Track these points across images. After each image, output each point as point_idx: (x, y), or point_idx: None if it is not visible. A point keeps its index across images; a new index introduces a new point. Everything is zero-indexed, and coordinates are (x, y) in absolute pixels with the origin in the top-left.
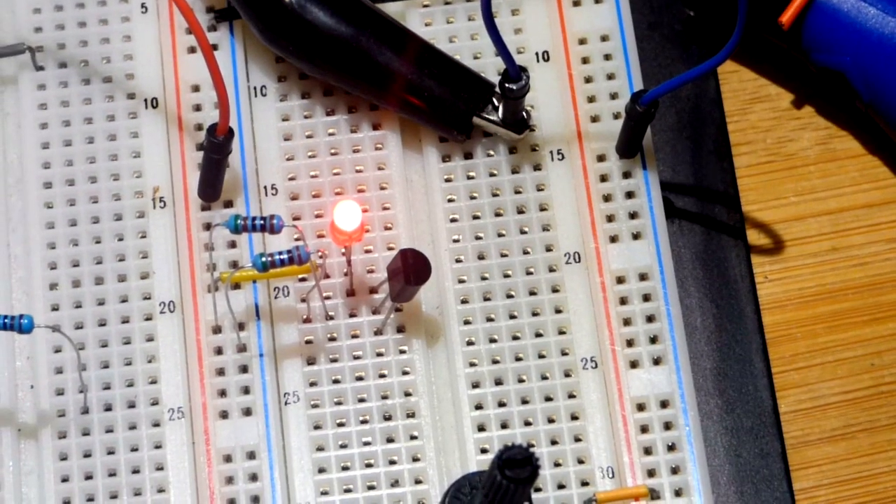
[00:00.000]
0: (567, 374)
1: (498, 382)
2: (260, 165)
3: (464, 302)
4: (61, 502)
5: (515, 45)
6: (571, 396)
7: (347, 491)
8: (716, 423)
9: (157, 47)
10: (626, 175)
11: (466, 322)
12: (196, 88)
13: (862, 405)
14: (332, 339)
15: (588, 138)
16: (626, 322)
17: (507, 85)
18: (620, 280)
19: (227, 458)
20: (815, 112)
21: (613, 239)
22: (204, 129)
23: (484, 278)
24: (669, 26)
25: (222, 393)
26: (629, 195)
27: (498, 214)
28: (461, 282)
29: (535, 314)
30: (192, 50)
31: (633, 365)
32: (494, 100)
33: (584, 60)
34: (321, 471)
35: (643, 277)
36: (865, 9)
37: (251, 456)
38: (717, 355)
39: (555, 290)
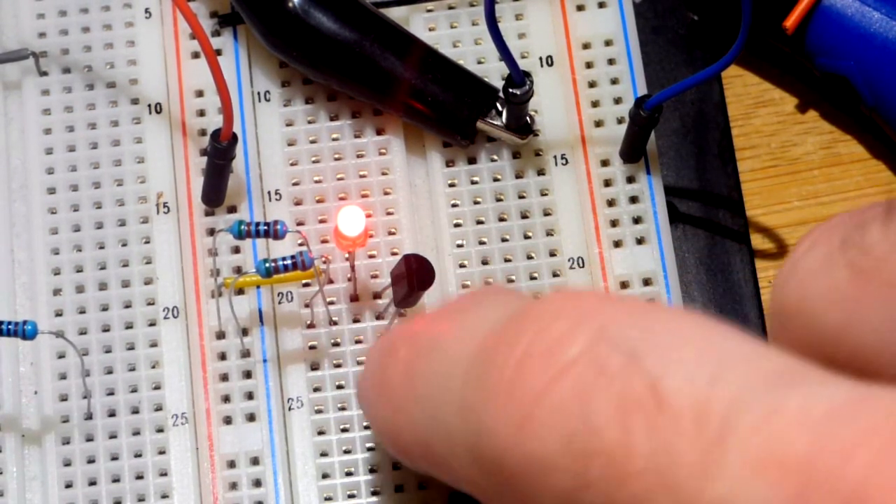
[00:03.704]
0: None
1: None
2: (263, 171)
3: None
4: None
5: (519, 50)
6: None
7: (351, 496)
8: None
9: (160, 52)
10: (630, 180)
11: None
12: (200, 93)
13: None
14: (336, 345)
15: (592, 143)
16: None
17: (510, 90)
18: (624, 285)
19: (231, 464)
20: (820, 116)
21: (617, 244)
22: (208, 135)
23: (488, 283)
24: (673, 31)
25: (226, 398)
26: (633, 200)
27: (502, 219)
28: (465, 287)
29: None
30: (195, 55)
31: None
32: (498, 104)
33: (588, 65)
34: (325, 476)
35: (647, 282)
36: (870, 13)
37: (255, 461)
38: None
39: None
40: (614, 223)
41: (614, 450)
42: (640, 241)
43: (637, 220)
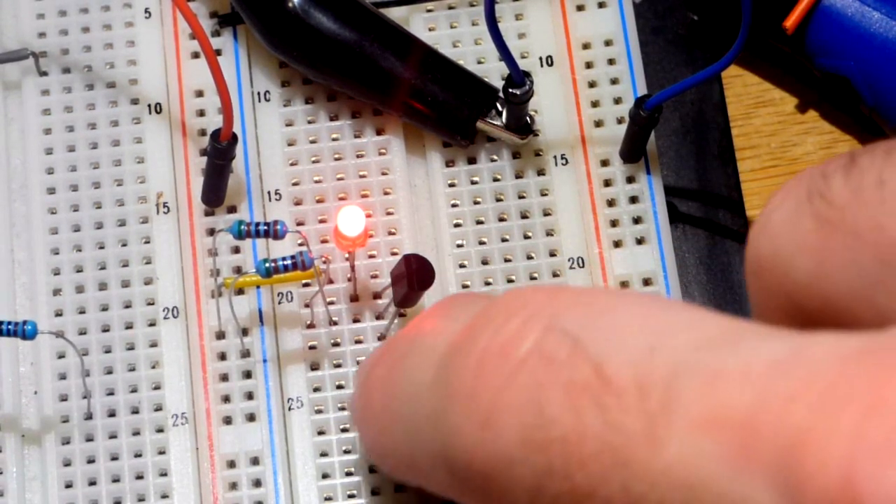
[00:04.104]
0: None
1: None
2: (263, 171)
3: None
4: None
5: (519, 50)
6: None
7: (351, 496)
8: None
9: (160, 52)
10: (630, 180)
11: None
12: (200, 94)
13: None
14: (336, 345)
15: (592, 143)
16: None
17: (510, 90)
18: (624, 285)
19: (231, 464)
20: (819, 116)
21: (617, 244)
22: (207, 135)
23: (488, 283)
24: (673, 31)
25: (226, 398)
26: (633, 200)
27: (501, 219)
28: (465, 287)
29: None
30: (195, 55)
31: None
32: (498, 104)
33: (588, 65)
34: (325, 476)
35: (647, 282)
36: (869, 13)
37: (255, 461)
38: None
39: None
40: (614, 223)
41: (568, 436)
42: (640, 241)
43: (637, 220)
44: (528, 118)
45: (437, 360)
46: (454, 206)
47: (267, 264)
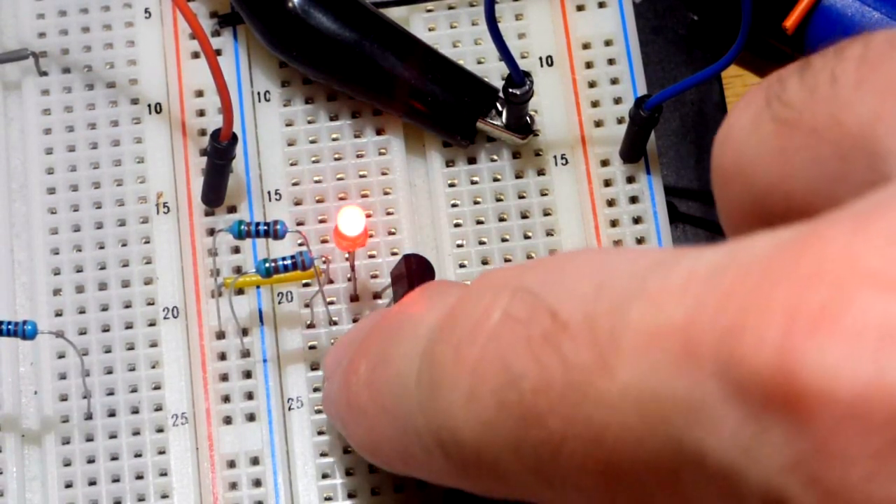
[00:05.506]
0: None
1: None
2: (263, 171)
3: None
4: None
5: (519, 50)
6: None
7: (351, 496)
8: None
9: (160, 52)
10: (630, 180)
11: None
12: (200, 93)
13: None
14: None
15: (592, 143)
16: None
17: (510, 90)
18: None
19: (231, 464)
20: None
21: (617, 244)
22: (208, 135)
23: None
24: (673, 31)
25: (226, 398)
26: (633, 200)
27: (502, 219)
28: None
29: None
30: (195, 55)
31: None
32: (498, 104)
33: (588, 65)
34: (325, 476)
35: None
36: (869, 13)
37: (255, 461)
38: None
39: None
40: (614, 223)
41: (536, 385)
42: (640, 241)
43: (637, 220)
44: (528, 118)
45: (419, 352)
46: (454, 206)
47: (267, 264)
